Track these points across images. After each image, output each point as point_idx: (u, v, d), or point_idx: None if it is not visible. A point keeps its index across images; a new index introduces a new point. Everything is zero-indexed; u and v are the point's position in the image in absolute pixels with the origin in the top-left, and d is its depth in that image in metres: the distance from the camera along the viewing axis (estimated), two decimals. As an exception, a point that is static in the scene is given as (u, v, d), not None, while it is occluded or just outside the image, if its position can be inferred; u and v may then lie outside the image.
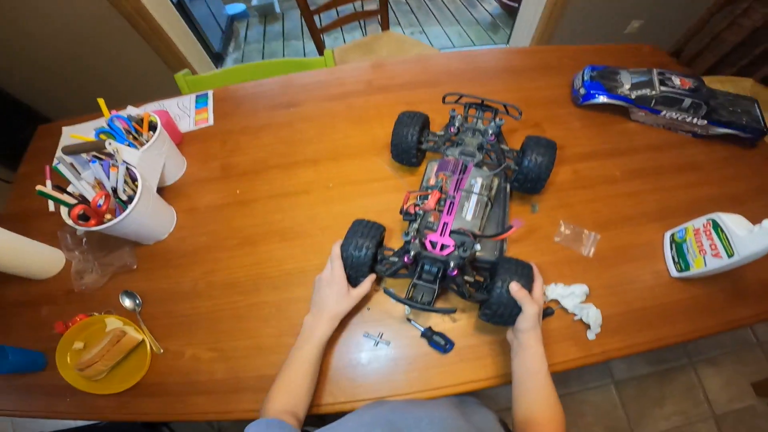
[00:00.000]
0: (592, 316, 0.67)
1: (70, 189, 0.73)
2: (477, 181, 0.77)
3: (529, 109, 1.03)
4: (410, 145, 0.84)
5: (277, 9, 3.09)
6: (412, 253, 0.64)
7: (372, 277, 0.70)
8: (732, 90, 1.50)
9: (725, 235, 0.63)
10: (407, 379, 0.67)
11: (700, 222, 0.69)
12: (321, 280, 0.69)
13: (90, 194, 0.71)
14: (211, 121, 1.08)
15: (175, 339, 0.73)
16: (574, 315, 0.69)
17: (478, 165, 0.80)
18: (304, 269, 0.78)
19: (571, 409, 1.50)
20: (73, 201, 0.71)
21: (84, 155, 0.77)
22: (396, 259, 0.71)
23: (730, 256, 0.62)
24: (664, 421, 1.44)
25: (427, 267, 0.66)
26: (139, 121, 0.89)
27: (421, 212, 0.73)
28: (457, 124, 0.82)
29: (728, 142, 0.94)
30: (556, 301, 0.71)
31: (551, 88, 1.08)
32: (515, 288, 0.60)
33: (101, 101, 0.86)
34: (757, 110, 0.93)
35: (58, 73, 1.89)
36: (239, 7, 3.07)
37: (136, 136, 0.86)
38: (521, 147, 0.83)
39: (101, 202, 0.69)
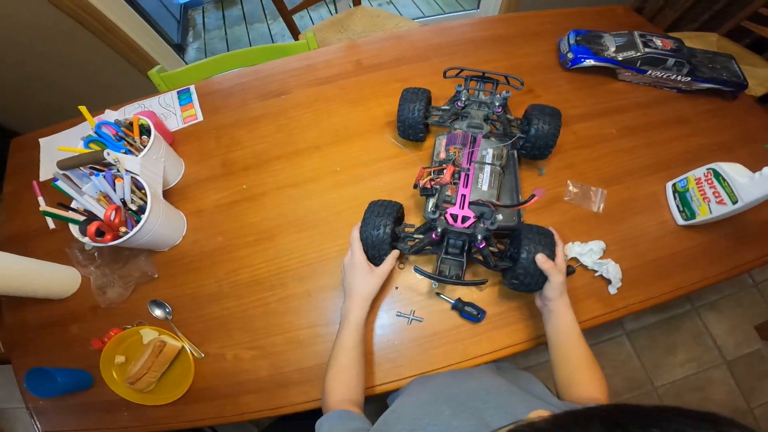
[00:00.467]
0: (612, 270, 0.71)
1: (74, 205, 0.70)
2: (488, 152, 0.78)
3: (520, 75, 1.03)
4: (417, 120, 0.84)
5: (234, -7, 2.92)
6: (439, 229, 0.65)
7: (395, 253, 0.71)
8: (698, 45, 1.56)
9: (727, 183, 0.68)
10: (445, 352, 0.70)
11: (700, 171, 0.73)
12: (344, 266, 0.70)
13: (97, 209, 0.68)
14: (200, 117, 1.04)
15: (213, 342, 0.73)
16: (595, 271, 0.73)
17: (486, 136, 0.81)
18: (325, 257, 0.79)
19: (589, 363, 1.56)
20: (81, 217, 0.68)
21: (81, 168, 0.73)
22: (421, 236, 0.72)
23: (734, 202, 0.67)
24: (679, 368, 1.52)
25: (452, 241, 0.67)
26: (128, 125, 0.84)
27: (437, 186, 0.74)
28: (463, 99, 0.82)
29: (711, 96, 0.99)
30: (576, 259, 0.74)
31: (538, 54, 1.10)
32: (541, 260, 0.61)
33: (84, 109, 0.81)
34: (736, 66, 0.99)
35: (13, 84, 1.73)
36: (190, -5, 2.88)
37: (131, 142, 0.82)
38: (525, 115, 0.85)
39: (113, 215, 0.66)
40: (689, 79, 0.96)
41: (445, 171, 0.74)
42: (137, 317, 0.75)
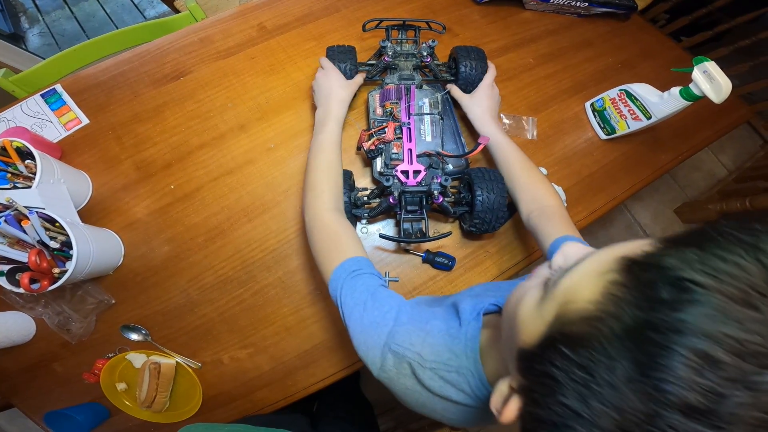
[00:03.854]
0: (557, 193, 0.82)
1: None
2: (424, 101, 0.83)
3: (436, 15, 1.10)
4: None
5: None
6: (396, 193, 0.70)
7: (362, 74, 0.86)
8: None
9: (640, 102, 0.83)
10: (428, 302, 0.77)
11: (614, 92, 0.88)
12: (318, 79, 0.80)
13: (13, 253, 0.64)
14: (85, 120, 0.94)
15: (204, 350, 0.76)
16: (542, 196, 0.84)
17: (419, 86, 0.86)
18: (287, 239, 0.81)
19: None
20: (1, 268, 0.64)
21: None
22: (376, 201, 0.76)
23: (648, 118, 0.83)
24: None
25: (409, 199, 0.72)
26: (2, 151, 0.74)
27: (382, 146, 0.78)
28: (390, 53, 0.85)
29: (607, 18, 1.14)
30: (523, 189, 0.85)
31: (448, -12, 1.15)
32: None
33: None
34: None
35: None
36: (-3, -21, 2.41)
37: (15, 171, 0.73)
38: (451, 58, 0.91)
39: (38, 260, 0.63)
40: (586, 4, 1.09)
41: (386, 129, 0.78)
42: (115, 344, 0.76)
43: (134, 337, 0.76)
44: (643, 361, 0.21)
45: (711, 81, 0.73)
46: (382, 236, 0.72)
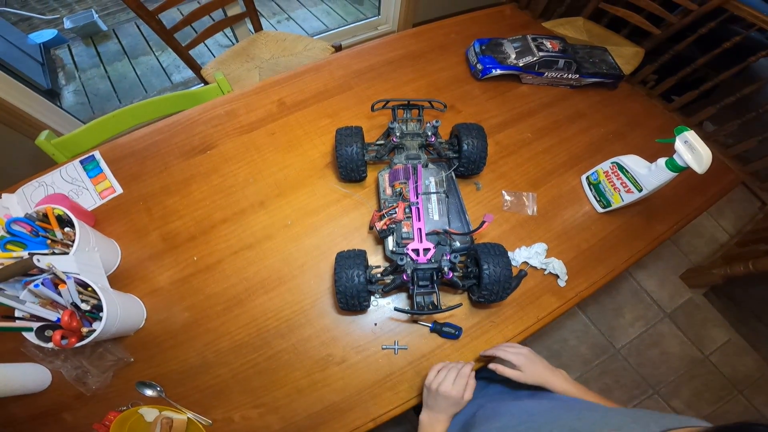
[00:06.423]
0: (558, 266, 0.84)
1: (18, 314, 0.67)
2: (431, 180, 0.87)
3: (440, 92, 1.16)
4: (357, 162, 0.89)
5: (103, 27, 2.67)
6: (409, 271, 0.73)
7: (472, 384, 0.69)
8: (571, 31, 1.80)
9: (630, 174, 0.84)
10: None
11: (606, 165, 0.90)
12: (438, 393, 0.67)
13: (44, 313, 0.67)
14: (119, 189, 0.98)
15: (216, 408, 0.76)
16: (543, 270, 0.86)
17: (425, 165, 0.89)
18: (302, 310, 0.83)
19: (553, 337, 1.73)
20: (33, 324, 0.67)
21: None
22: (390, 277, 0.79)
23: (639, 190, 0.84)
24: (630, 328, 1.75)
25: (421, 275, 0.75)
26: (42, 217, 0.79)
27: (393, 225, 0.81)
28: (398, 134, 0.89)
29: (597, 88, 1.20)
30: (525, 263, 0.87)
31: (451, 67, 1.22)
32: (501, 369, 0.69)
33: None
34: (610, 57, 1.20)
35: None
36: (48, 34, 2.57)
37: (53, 237, 0.77)
38: (453, 135, 0.95)
39: (69, 320, 0.66)
40: (578, 76, 1.14)
41: (397, 209, 0.81)
42: (129, 398, 0.75)
43: (149, 392, 0.76)
44: None
45: (692, 151, 0.72)
46: (396, 309, 0.74)
